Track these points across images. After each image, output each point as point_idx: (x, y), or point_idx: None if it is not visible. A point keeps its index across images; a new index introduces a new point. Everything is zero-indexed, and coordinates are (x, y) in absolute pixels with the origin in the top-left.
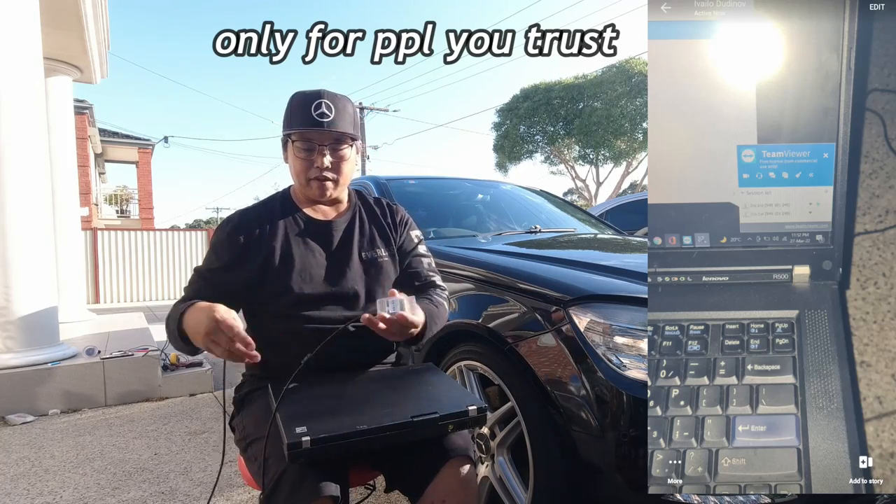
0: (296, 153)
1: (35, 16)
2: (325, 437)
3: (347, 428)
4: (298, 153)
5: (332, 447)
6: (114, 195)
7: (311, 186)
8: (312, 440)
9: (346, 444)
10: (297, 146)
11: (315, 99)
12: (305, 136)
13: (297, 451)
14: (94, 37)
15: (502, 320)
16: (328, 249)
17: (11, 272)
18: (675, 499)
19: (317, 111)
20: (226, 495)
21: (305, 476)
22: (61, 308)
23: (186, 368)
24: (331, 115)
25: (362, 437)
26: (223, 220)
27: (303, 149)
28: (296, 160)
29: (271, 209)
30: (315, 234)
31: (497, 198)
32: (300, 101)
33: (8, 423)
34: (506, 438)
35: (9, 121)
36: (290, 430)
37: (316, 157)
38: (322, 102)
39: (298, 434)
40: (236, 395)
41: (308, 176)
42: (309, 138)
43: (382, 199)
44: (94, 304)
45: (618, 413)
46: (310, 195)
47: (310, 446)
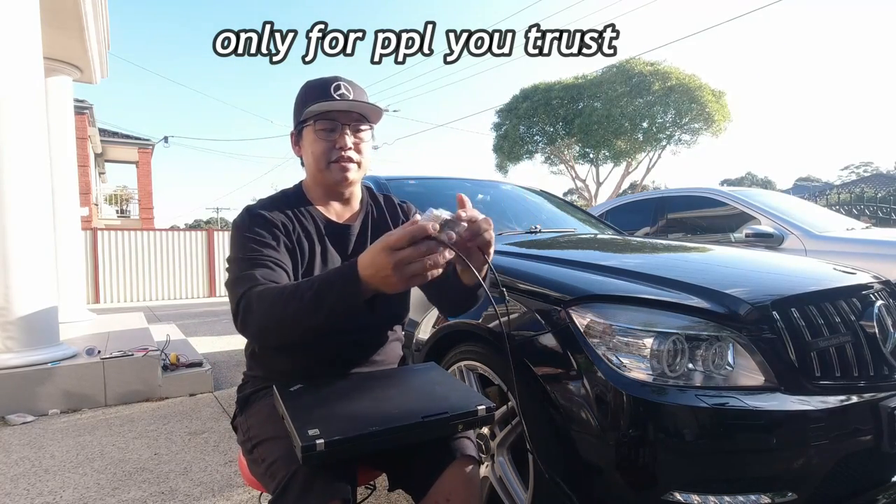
0: (316, 135)
1: (35, 16)
2: (339, 439)
3: (360, 430)
4: (319, 134)
5: (346, 449)
6: (114, 195)
7: (332, 170)
8: (326, 442)
9: (359, 446)
10: (317, 127)
11: (333, 81)
12: (327, 114)
13: (311, 453)
14: (94, 37)
15: (502, 320)
16: (344, 255)
17: (11, 272)
18: (675, 499)
19: (336, 91)
20: (226, 495)
21: (316, 477)
22: (61, 308)
23: (186, 368)
24: (351, 94)
25: (375, 439)
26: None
27: (324, 129)
28: (316, 143)
29: (289, 202)
30: (332, 237)
31: (497, 198)
32: (317, 85)
33: (8, 423)
34: (506, 438)
35: (9, 121)
36: (302, 433)
37: (338, 137)
38: (341, 83)
39: (312, 437)
40: (239, 395)
41: (329, 158)
42: (330, 116)
43: (393, 197)
44: (94, 304)
45: (618, 413)
46: (329, 181)
47: (324, 448)
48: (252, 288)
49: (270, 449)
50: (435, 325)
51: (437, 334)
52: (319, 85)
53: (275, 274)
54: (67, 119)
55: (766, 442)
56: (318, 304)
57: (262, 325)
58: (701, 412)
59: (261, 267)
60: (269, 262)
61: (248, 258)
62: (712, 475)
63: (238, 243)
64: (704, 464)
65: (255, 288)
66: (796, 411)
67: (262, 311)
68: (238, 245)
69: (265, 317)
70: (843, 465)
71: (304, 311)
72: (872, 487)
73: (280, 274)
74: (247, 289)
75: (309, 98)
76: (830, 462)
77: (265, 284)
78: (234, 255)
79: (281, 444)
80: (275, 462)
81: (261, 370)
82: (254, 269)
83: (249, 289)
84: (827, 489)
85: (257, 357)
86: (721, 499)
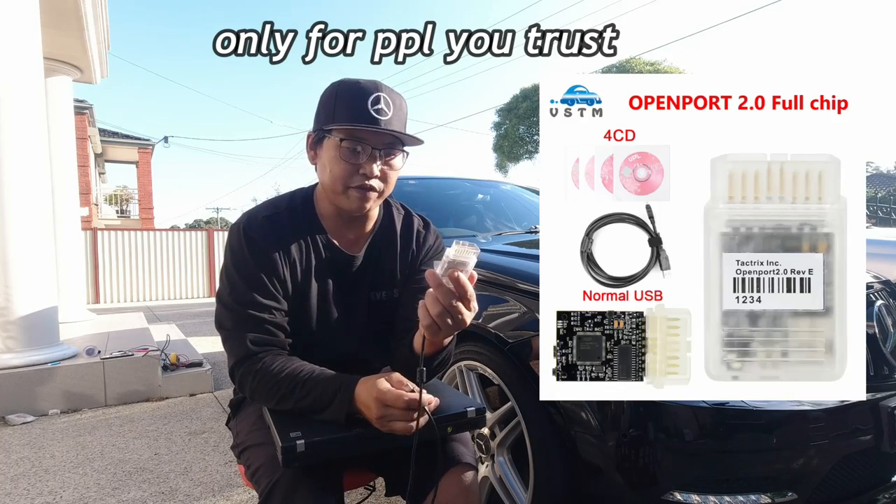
0: (341, 155)
1: (35, 16)
2: (319, 440)
3: (342, 431)
4: (344, 155)
5: (327, 451)
6: (114, 195)
7: (350, 197)
8: (307, 444)
9: (341, 448)
10: (343, 146)
11: (373, 91)
12: (357, 134)
13: (291, 455)
14: (94, 37)
15: (502, 320)
16: (341, 288)
17: (11, 272)
18: (675, 499)
19: (374, 106)
20: (226, 495)
21: (298, 484)
22: (61, 308)
23: (186, 368)
24: (389, 114)
25: (358, 441)
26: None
27: (350, 150)
28: (338, 163)
29: (296, 224)
30: (333, 267)
31: (497, 198)
32: (353, 91)
33: (8, 423)
34: (506, 438)
35: (9, 121)
36: (284, 435)
37: (365, 163)
38: (381, 97)
39: (293, 438)
40: (233, 398)
41: (349, 184)
42: (361, 138)
43: (415, 217)
44: (94, 304)
45: (618, 413)
46: (345, 206)
47: (304, 450)
48: (250, 362)
49: (256, 455)
50: None
51: None
52: (356, 93)
53: (272, 339)
54: (67, 119)
55: (766, 442)
56: (308, 409)
57: (255, 398)
58: (701, 412)
59: (258, 332)
60: (267, 325)
61: (246, 315)
62: (712, 475)
63: (233, 271)
64: (704, 464)
65: (254, 364)
66: (796, 411)
67: (257, 392)
68: (233, 273)
69: (260, 397)
70: (843, 465)
71: (294, 406)
72: (872, 487)
73: (277, 337)
74: (243, 357)
75: (340, 105)
76: (830, 462)
77: (262, 360)
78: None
79: (265, 450)
80: (259, 468)
81: None
82: (249, 332)
83: (247, 360)
84: (827, 489)
85: None
86: (721, 499)
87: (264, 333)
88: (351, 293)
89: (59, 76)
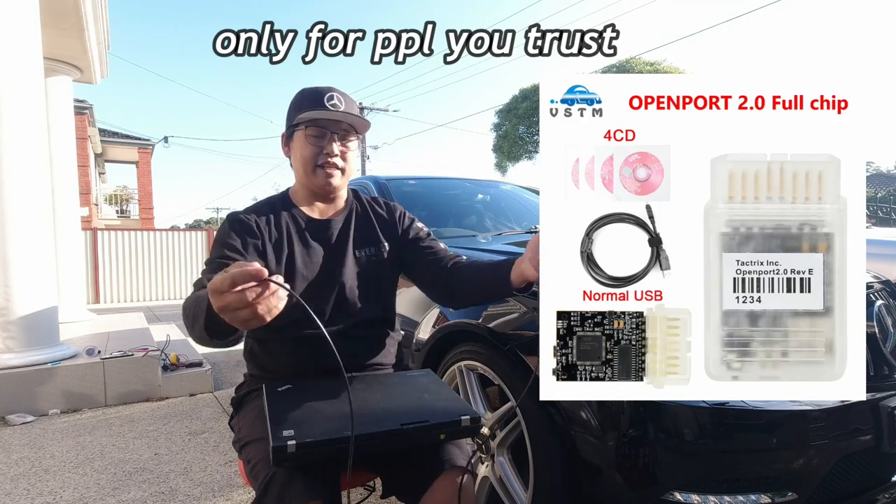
0: (305, 140)
1: (35, 16)
2: (310, 441)
3: (335, 433)
4: (308, 139)
5: (318, 452)
6: (114, 195)
7: (317, 175)
8: (298, 444)
9: (333, 450)
10: (308, 132)
11: (328, 91)
12: (318, 122)
13: (281, 455)
14: (94, 37)
15: (502, 320)
16: (326, 247)
17: (11, 272)
18: (674, 499)
19: (329, 101)
20: (226, 495)
21: (294, 481)
22: (61, 308)
23: (186, 368)
24: (342, 107)
25: (349, 444)
26: (228, 215)
27: (314, 135)
28: (304, 147)
29: (272, 207)
30: (314, 232)
31: (497, 198)
32: (312, 93)
33: (8, 423)
34: (506, 438)
35: (9, 121)
36: (276, 434)
37: (326, 143)
38: (334, 94)
39: (284, 437)
40: (236, 394)
41: (316, 162)
42: (321, 125)
43: (379, 197)
44: (94, 304)
45: (618, 413)
46: (314, 185)
47: (295, 451)
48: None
49: (255, 450)
50: (435, 325)
51: (437, 334)
52: (314, 94)
53: None
54: (67, 119)
55: (766, 442)
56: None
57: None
58: (701, 412)
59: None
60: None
61: (213, 261)
62: (712, 475)
63: (213, 247)
64: (704, 464)
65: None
66: (796, 411)
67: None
68: (212, 248)
69: (183, 316)
70: (844, 464)
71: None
72: (872, 487)
73: None
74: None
75: (303, 105)
76: (830, 462)
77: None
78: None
79: (264, 445)
80: (258, 463)
81: (256, 370)
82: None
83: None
84: (827, 489)
85: (253, 357)
86: (721, 498)
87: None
88: (335, 252)
89: (58, 76)
